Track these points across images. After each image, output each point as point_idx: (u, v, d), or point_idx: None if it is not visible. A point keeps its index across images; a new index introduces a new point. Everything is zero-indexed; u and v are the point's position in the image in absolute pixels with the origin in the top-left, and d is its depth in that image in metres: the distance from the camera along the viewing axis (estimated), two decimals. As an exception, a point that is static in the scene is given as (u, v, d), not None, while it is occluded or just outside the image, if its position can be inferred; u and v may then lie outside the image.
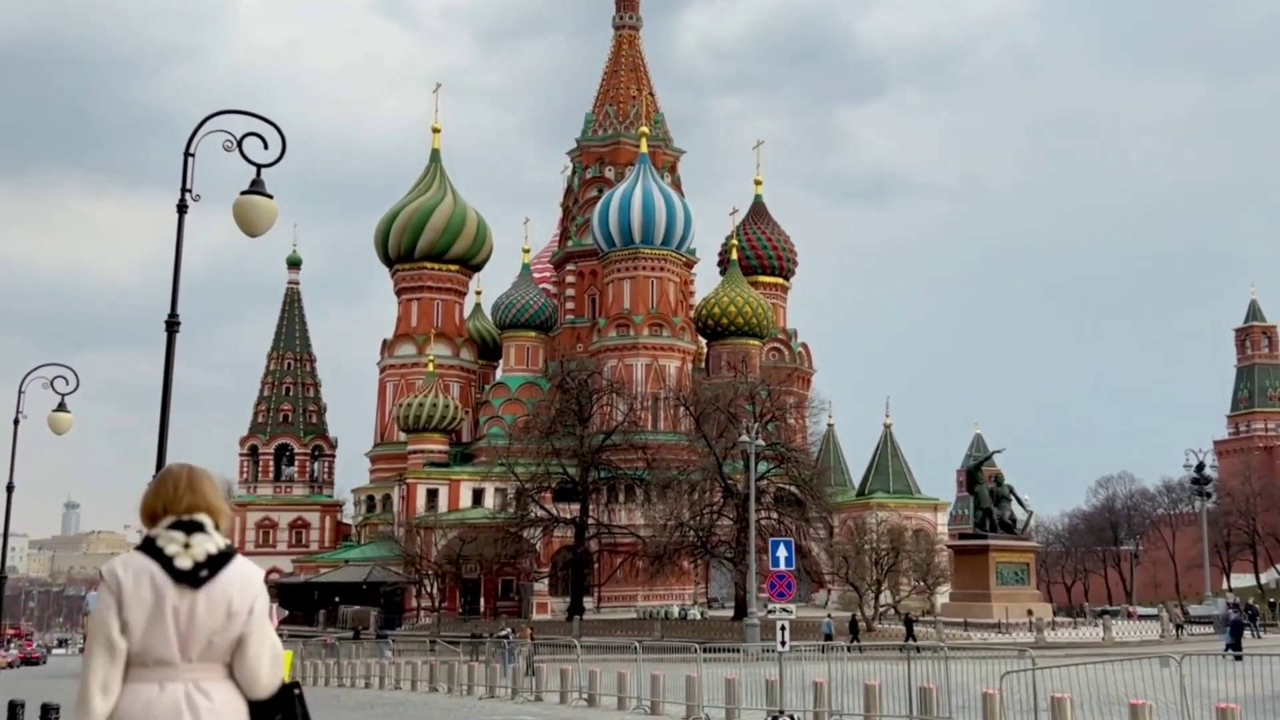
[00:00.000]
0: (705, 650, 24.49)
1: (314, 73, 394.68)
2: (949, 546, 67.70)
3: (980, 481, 65.48)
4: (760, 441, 58.96)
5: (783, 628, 19.76)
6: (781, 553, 20.23)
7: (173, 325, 10.93)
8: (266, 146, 11.13)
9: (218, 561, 3.78)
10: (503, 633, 48.63)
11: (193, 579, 3.73)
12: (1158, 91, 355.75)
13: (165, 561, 3.73)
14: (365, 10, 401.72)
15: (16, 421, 21.11)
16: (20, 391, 20.73)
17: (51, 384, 20.48)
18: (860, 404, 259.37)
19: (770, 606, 20.68)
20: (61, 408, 20.48)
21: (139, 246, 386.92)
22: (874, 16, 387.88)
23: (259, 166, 11.10)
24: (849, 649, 26.14)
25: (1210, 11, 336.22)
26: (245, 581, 3.82)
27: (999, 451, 66.05)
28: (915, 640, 43.17)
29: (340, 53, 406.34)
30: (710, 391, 68.91)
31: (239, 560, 3.85)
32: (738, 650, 39.82)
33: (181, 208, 11.19)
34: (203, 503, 3.88)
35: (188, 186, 11.11)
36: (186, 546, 3.77)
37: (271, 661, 3.85)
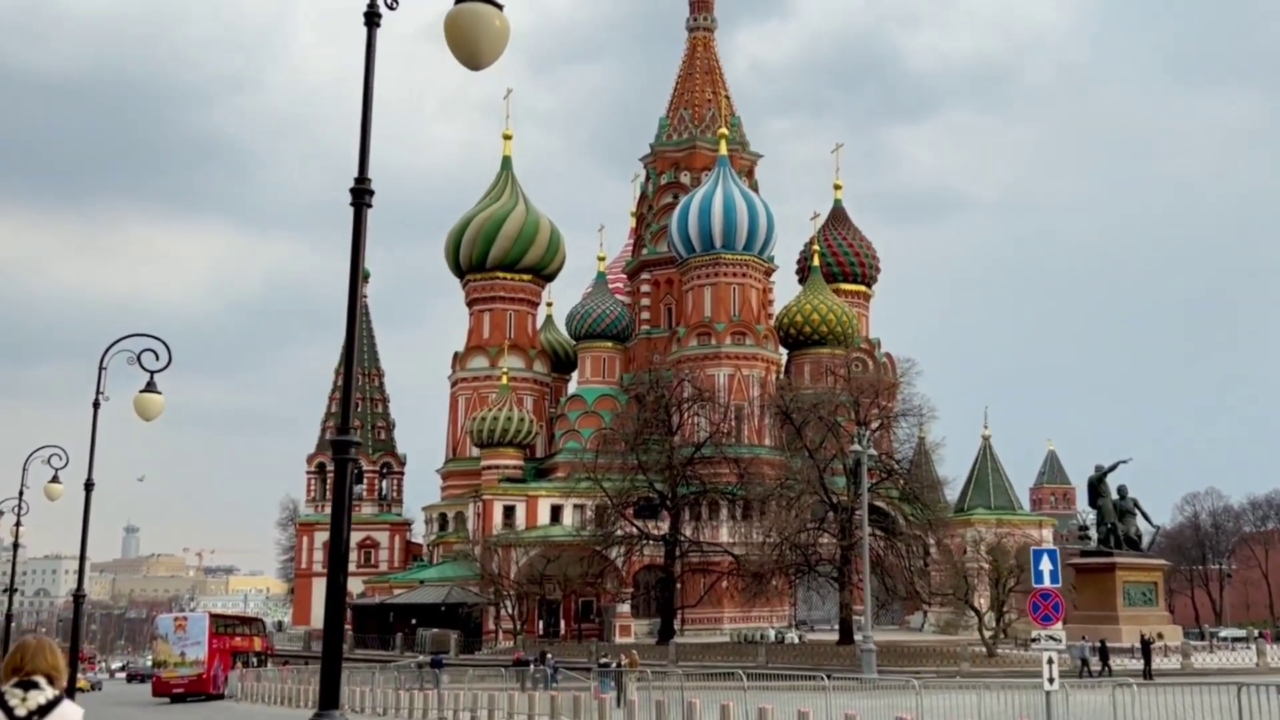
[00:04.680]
0: (830, 677, 20.48)
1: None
2: (1071, 565, 62.82)
3: (1104, 495, 60.63)
4: (872, 450, 54.78)
5: (1050, 660, 15.57)
6: (1045, 565, 16.08)
7: (361, 194, 7.19)
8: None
9: (46, 709, 5.21)
10: (603, 659, 44.81)
11: None
12: (1210, 105, 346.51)
13: (8, 710, 5.17)
14: (416, 37, 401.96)
15: (97, 404, 17.58)
16: (101, 368, 17.21)
17: (138, 359, 16.89)
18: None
19: (1034, 634, 16.51)
20: (150, 387, 16.88)
21: (197, 274, 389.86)
22: (922, 36, 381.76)
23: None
24: (1100, 677, 21.84)
25: (1262, 23, 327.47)
26: None
27: (1125, 461, 61.03)
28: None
29: (393, 79, 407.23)
30: (812, 399, 64.62)
31: (63, 705, 5.27)
32: (858, 679, 35.42)
33: (371, 17, 7.44)
34: (41, 667, 5.31)
35: (379, -12, 7.37)
36: (23, 700, 5.20)
37: None
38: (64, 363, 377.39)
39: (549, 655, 48.66)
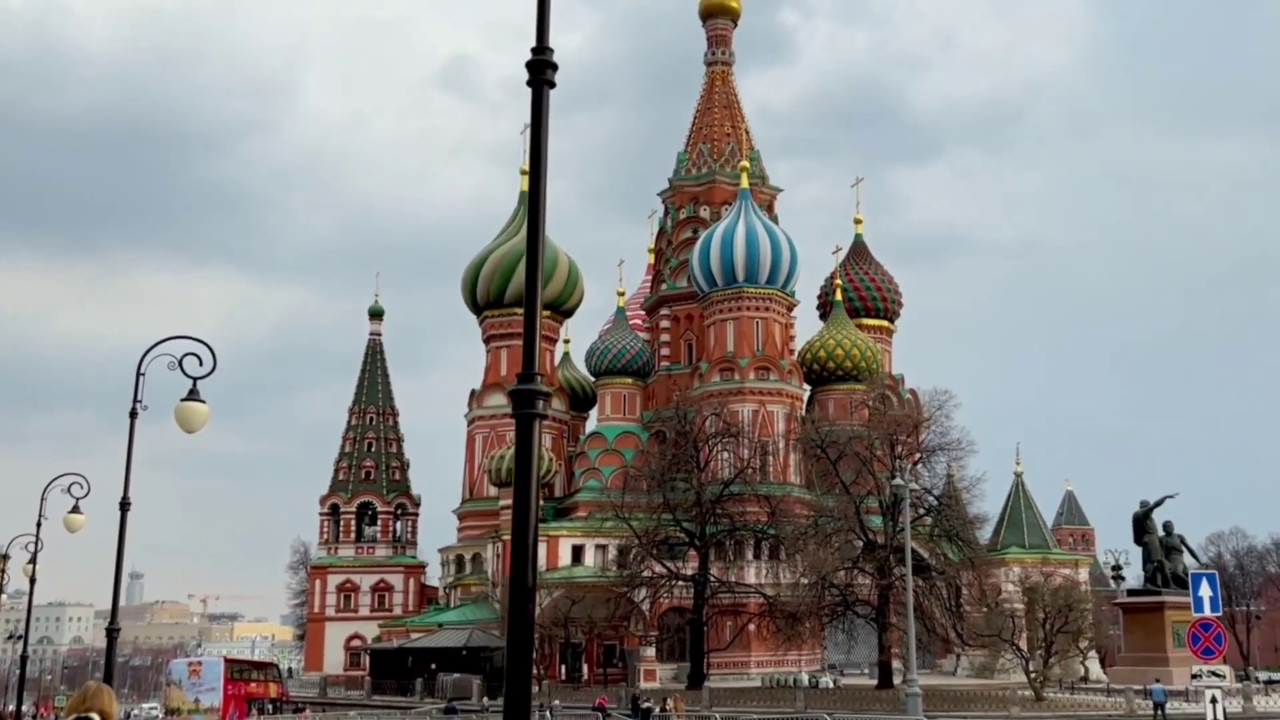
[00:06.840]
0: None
1: (379, 144, 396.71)
2: (1118, 605, 60.67)
3: (1150, 531, 58.57)
4: (914, 485, 52.93)
5: (1214, 700, 13.63)
6: (1205, 591, 14.19)
7: (542, 67, 5.47)
8: None
9: None
10: (645, 703, 42.72)
11: None
12: (1218, 147, 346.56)
13: None
14: (426, 83, 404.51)
15: (134, 414, 15.82)
16: (139, 374, 15.45)
17: (180, 363, 15.14)
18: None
19: (1195, 669, 14.58)
20: (193, 395, 15.09)
21: (206, 320, 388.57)
22: (928, 80, 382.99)
23: None
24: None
25: (1267, 68, 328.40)
26: None
27: (1171, 497, 59.03)
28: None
29: (403, 125, 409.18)
30: (846, 433, 62.77)
31: None
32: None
33: None
34: (95, 706, 6.31)
35: None
36: None
37: None
38: (73, 410, 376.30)
39: (639, 698, 46.57)
